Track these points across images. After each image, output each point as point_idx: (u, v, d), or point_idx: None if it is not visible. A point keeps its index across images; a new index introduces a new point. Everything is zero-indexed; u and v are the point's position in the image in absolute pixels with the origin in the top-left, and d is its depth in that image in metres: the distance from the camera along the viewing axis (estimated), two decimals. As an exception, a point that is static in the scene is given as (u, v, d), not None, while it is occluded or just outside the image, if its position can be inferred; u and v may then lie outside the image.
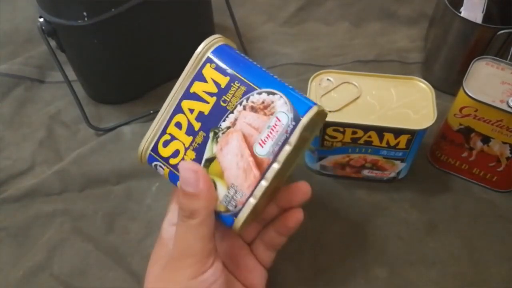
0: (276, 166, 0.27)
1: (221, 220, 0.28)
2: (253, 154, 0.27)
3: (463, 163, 0.42)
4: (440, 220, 0.41)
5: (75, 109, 0.50)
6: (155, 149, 0.29)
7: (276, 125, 0.27)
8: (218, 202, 0.28)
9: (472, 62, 0.39)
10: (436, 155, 0.44)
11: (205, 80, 0.28)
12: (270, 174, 0.27)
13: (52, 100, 0.53)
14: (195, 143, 0.28)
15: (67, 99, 0.52)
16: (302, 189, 0.31)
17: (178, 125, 0.29)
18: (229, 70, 0.28)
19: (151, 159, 0.30)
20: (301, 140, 0.27)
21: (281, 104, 0.27)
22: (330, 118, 0.36)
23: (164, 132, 0.29)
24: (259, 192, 0.27)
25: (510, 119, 0.36)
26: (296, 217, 0.32)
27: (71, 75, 0.50)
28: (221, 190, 0.28)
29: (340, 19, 0.62)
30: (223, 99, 0.28)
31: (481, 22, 0.45)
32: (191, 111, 0.28)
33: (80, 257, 0.40)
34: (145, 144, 0.30)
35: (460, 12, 0.46)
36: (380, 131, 0.37)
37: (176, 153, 0.29)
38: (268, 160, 0.27)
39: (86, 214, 0.43)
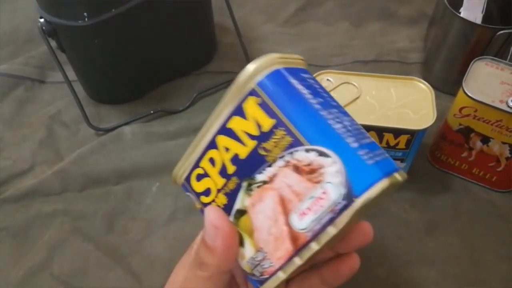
0: (314, 246, 0.21)
1: (248, 279, 0.24)
2: (288, 224, 0.22)
3: (462, 163, 0.42)
4: (440, 220, 0.41)
5: (75, 109, 0.50)
6: (188, 179, 0.26)
7: (321, 198, 0.20)
8: (245, 261, 0.24)
9: (472, 62, 0.39)
10: (436, 155, 0.44)
11: (245, 117, 0.22)
12: (306, 253, 0.21)
13: (52, 100, 0.54)
14: (227, 188, 0.24)
15: (67, 99, 0.52)
16: (364, 231, 0.25)
17: (212, 162, 0.24)
18: (277, 111, 0.21)
19: (184, 188, 0.26)
20: (352, 221, 0.20)
21: (332, 173, 0.20)
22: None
23: (197, 165, 0.25)
24: (290, 268, 0.22)
25: (510, 119, 0.36)
26: (352, 264, 0.26)
27: (71, 75, 0.50)
28: (249, 250, 0.23)
29: (340, 19, 0.62)
30: (263, 146, 0.22)
31: (480, 22, 0.45)
32: (227, 149, 0.23)
33: (80, 257, 0.40)
34: (179, 170, 0.26)
35: (460, 13, 0.46)
36: (380, 131, 0.37)
37: (207, 192, 0.25)
38: (305, 237, 0.21)
39: (86, 214, 0.43)
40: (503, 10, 0.48)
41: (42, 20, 0.44)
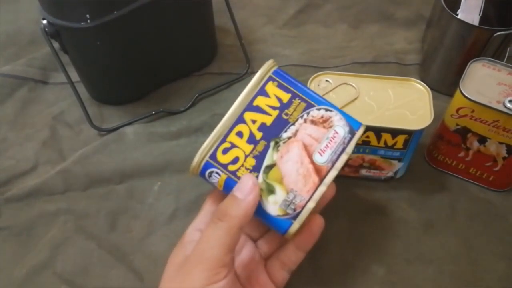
0: (334, 172, 0.30)
1: (276, 225, 0.30)
2: (312, 162, 0.30)
3: (460, 163, 0.43)
4: (437, 219, 0.41)
5: (78, 109, 0.50)
6: (213, 156, 0.30)
7: (334, 136, 0.31)
8: (277, 205, 0.30)
9: (469, 63, 0.40)
10: (433, 155, 0.44)
11: (268, 95, 0.31)
12: (328, 179, 0.30)
13: (55, 101, 0.54)
14: (256, 151, 0.30)
15: (70, 100, 0.53)
16: (317, 221, 0.33)
17: (240, 134, 0.31)
18: (290, 88, 0.32)
19: (207, 166, 0.30)
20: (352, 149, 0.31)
21: (338, 119, 0.31)
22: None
23: (224, 140, 0.31)
24: (317, 196, 0.30)
25: (507, 120, 0.36)
26: (318, 223, 0.33)
27: (74, 76, 0.51)
28: (280, 195, 0.30)
29: (339, 21, 0.63)
30: (285, 112, 0.31)
31: (477, 24, 0.45)
32: (253, 121, 0.31)
33: (83, 256, 0.40)
34: (204, 152, 0.30)
35: (457, 14, 0.46)
36: (378, 131, 0.37)
37: (235, 160, 0.30)
38: (327, 167, 0.30)
39: (89, 213, 0.43)
40: (500, 11, 0.49)
41: (44, 21, 0.45)
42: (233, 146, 0.30)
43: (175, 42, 0.51)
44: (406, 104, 0.39)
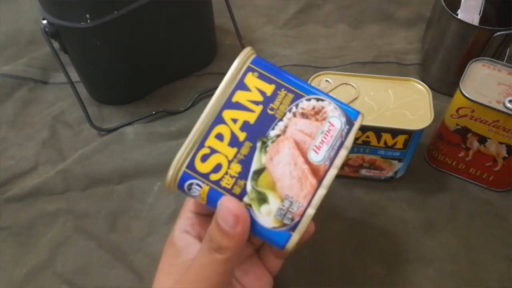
0: (333, 171, 0.26)
1: (272, 239, 0.26)
2: (307, 161, 0.26)
3: (460, 163, 0.43)
4: (437, 219, 0.41)
5: (78, 109, 0.50)
6: (191, 165, 0.26)
7: (330, 129, 0.26)
8: (272, 215, 0.25)
9: (469, 63, 0.40)
10: (433, 155, 0.44)
11: (248, 89, 0.27)
12: (327, 180, 0.26)
13: (55, 101, 0.54)
14: (241, 154, 0.26)
15: (70, 99, 0.53)
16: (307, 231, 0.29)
17: (219, 137, 0.26)
18: (273, 78, 0.27)
19: (185, 178, 0.26)
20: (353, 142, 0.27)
21: (332, 109, 0.27)
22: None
23: (202, 145, 0.26)
24: (317, 200, 0.25)
25: (507, 120, 0.36)
26: (308, 230, 0.30)
27: (74, 76, 0.51)
28: (274, 203, 0.25)
29: (339, 21, 0.63)
30: (270, 107, 0.27)
31: (477, 24, 0.45)
32: (234, 121, 0.26)
33: (83, 256, 0.40)
34: (179, 162, 0.26)
35: (457, 14, 0.46)
36: (378, 131, 0.37)
37: (217, 168, 0.26)
38: (324, 166, 0.26)
39: (89, 213, 0.43)
40: (500, 11, 0.49)
41: (45, 21, 0.45)
42: (213, 151, 0.26)
43: (175, 42, 0.51)
44: (406, 104, 0.39)
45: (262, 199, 0.25)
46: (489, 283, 0.37)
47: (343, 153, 0.26)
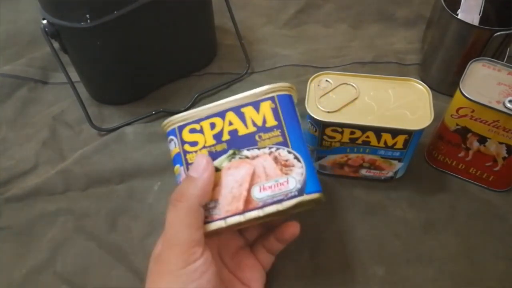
0: (258, 213, 0.29)
1: None
2: (249, 191, 0.30)
3: (460, 163, 0.43)
4: (437, 219, 0.41)
5: (78, 109, 0.50)
6: (181, 128, 0.32)
7: (283, 184, 0.29)
8: None
9: (469, 63, 0.40)
10: (433, 155, 0.44)
11: (257, 111, 0.31)
12: (250, 215, 0.29)
13: (55, 101, 0.54)
14: (214, 148, 0.31)
15: (70, 99, 0.53)
16: (291, 229, 0.34)
17: (212, 125, 0.31)
18: (281, 118, 0.31)
19: (172, 132, 0.32)
20: (292, 208, 0.30)
21: (297, 172, 0.30)
22: (328, 118, 0.37)
23: (198, 121, 0.32)
24: (231, 221, 0.29)
25: (507, 120, 0.36)
26: (292, 231, 0.34)
27: (74, 76, 0.51)
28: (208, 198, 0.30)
29: (339, 22, 0.63)
30: (259, 135, 0.31)
31: (477, 24, 0.45)
32: (230, 123, 0.31)
33: (83, 256, 0.40)
34: (178, 119, 0.32)
35: (457, 14, 0.46)
36: (378, 131, 0.37)
37: (194, 144, 0.31)
38: (256, 204, 0.29)
39: (89, 213, 0.44)
40: (500, 11, 0.49)
41: (45, 21, 0.45)
42: (201, 132, 0.31)
43: (175, 42, 0.51)
44: (406, 104, 0.39)
45: None
46: (489, 283, 0.38)
47: (276, 207, 0.29)
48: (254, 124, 0.31)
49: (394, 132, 0.37)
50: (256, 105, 0.31)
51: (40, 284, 0.39)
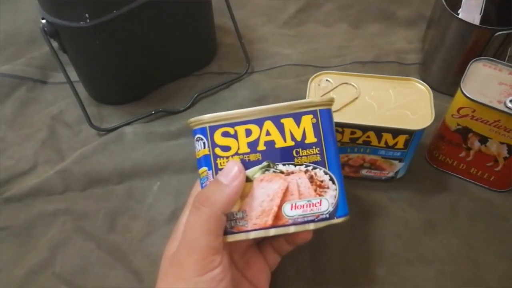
0: (285, 230, 0.29)
1: None
2: (280, 207, 0.29)
3: (460, 163, 0.43)
4: (438, 219, 0.41)
5: (77, 109, 0.50)
6: (213, 129, 0.29)
7: (315, 205, 0.29)
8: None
9: (470, 63, 0.39)
10: (434, 155, 0.44)
11: (298, 124, 0.29)
12: (277, 230, 0.29)
13: (54, 101, 0.54)
14: (247, 156, 0.29)
15: (69, 99, 0.53)
16: (305, 234, 0.33)
17: (248, 132, 0.29)
18: (321, 135, 0.29)
19: (202, 131, 0.30)
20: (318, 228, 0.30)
21: (331, 195, 0.29)
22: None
23: (232, 125, 0.29)
24: (256, 234, 0.29)
25: (508, 120, 0.36)
26: (305, 236, 0.33)
27: (73, 75, 0.51)
28: (233, 207, 0.29)
29: (339, 21, 0.63)
30: (297, 150, 0.29)
31: (478, 23, 0.45)
32: (268, 133, 0.29)
33: (82, 256, 0.40)
34: (211, 119, 0.29)
35: (458, 14, 0.46)
36: (379, 131, 0.37)
37: (227, 148, 0.29)
38: (286, 221, 0.29)
39: (88, 213, 0.43)
40: (501, 11, 0.49)
41: (44, 21, 0.45)
42: (235, 136, 0.29)
43: (175, 41, 0.51)
44: (406, 104, 0.39)
45: None
46: (489, 283, 0.37)
47: (304, 227, 0.29)
48: (293, 138, 0.29)
49: (395, 132, 0.37)
50: (297, 117, 0.29)
51: (39, 284, 0.39)
